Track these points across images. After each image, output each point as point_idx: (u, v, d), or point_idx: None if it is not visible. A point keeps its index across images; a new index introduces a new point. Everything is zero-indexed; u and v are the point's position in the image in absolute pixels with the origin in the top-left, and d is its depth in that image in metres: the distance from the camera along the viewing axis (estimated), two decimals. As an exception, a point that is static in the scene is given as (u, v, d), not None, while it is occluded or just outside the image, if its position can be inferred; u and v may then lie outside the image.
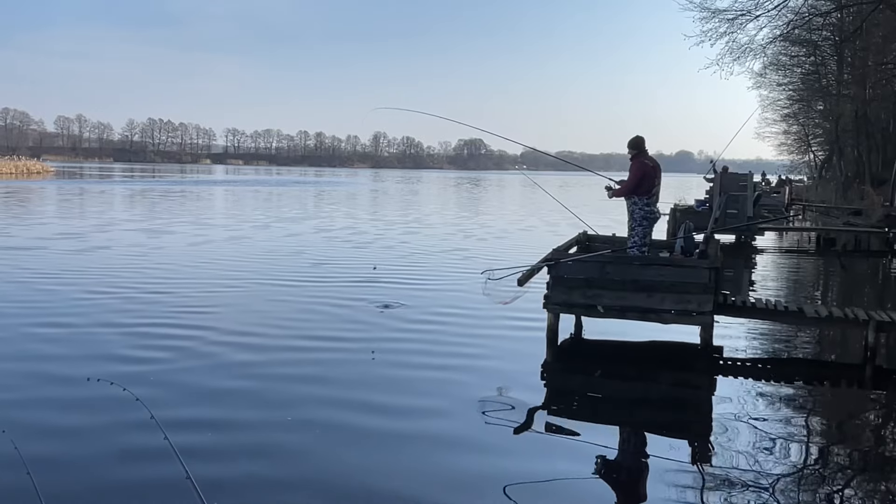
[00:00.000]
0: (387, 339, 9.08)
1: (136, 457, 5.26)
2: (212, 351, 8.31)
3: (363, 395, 6.87)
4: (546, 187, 11.31)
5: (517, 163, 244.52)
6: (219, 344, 8.61)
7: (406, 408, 6.61)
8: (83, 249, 16.86)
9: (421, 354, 8.42)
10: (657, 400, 7.45)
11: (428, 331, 9.56)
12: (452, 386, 7.28)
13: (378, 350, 8.48)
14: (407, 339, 9.12)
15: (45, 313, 9.98)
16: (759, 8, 25.40)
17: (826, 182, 46.90)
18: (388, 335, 9.26)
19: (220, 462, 5.25)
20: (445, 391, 7.12)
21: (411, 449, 5.68)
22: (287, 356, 8.22)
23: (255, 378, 7.32)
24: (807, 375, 8.28)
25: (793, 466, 5.49)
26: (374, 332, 9.43)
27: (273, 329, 9.45)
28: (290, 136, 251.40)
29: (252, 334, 9.16)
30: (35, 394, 6.73)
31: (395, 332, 9.45)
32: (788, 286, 15.43)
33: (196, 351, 8.29)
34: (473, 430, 6.07)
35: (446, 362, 8.12)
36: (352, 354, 8.35)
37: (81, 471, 5.11)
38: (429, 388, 7.22)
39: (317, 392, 6.95)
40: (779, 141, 59.89)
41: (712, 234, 9.98)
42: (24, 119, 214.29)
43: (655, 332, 9.17)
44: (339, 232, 23.19)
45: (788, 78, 47.42)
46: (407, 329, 9.62)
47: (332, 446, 5.63)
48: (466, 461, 5.45)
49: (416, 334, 9.35)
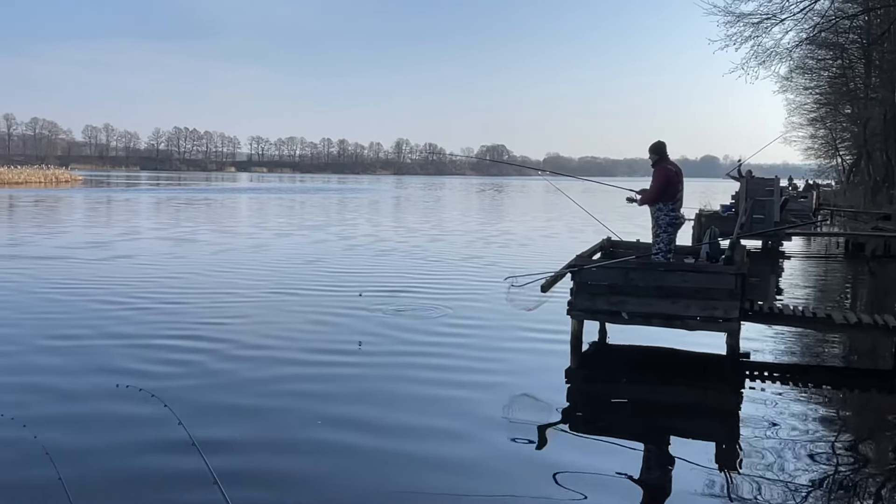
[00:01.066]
0: (405, 351, 9.07)
1: (157, 451, 5.32)
2: (228, 367, 8.35)
3: (379, 411, 6.72)
4: (569, 193, 11.27)
5: (540, 168, 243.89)
6: (236, 359, 8.66)
7: (427, 426, 6.58)
8: (106, 258, 16.98)
9: (446, 358, 8.43)
10: (683, 407, 7.39)
11: (450, 339, 9.56)
12: (477, 392, 7.27)
13: (398, 355, 8.50)
14: (430, 343, 9.14)
15: (57, 325, 10.00)
16: (785, 11, 25.09)
17: (854, 186, 46.28)
18: (406, 346, 9.26)
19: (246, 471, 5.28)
20: (470, 397, 7.11)
21: (430, 458, 5.68)
22: (301, 371, 8.01)
23: (267, 395, 7.20)
24: (835, 382, 8.17)
25: (821, 475, 5.42)
26: (392, 342, 9.44)
27: (288, 341, 9.30)
28: (314, 144, 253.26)
29: (266, 347, 9.01)
30: (60, 400, 6.82)
31: (417, 339, 9.46)
32: (816, 292, 15.24)
33: (210, 365, 8.33)
34: (495, 437, 6.06)
35: (471, 366, 8.12)
36: (371, 370, 8.24)
37: (106, 466, 5.18)
38: (452, 396, 7.21)
39: (330, 410, 6.77)
40: (805, 145, 59.21)
41: (738, 239, 9.90)
42: (52, 128, 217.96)
43: (681, 338, 9.11)
44: (361, 239, 23.31)
45: (815, 82, 46.91)
46: (430, 335, 9.64)
47: (346, 471, 5.40)
48: (483, 463, 5.44)
49: (441, 339, 9.37)
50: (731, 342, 8.57)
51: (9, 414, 5.93)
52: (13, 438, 5.66)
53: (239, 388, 7.28)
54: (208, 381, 7.47)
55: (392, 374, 7.90)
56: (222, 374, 7.75)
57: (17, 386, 7.20)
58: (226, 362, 8.20)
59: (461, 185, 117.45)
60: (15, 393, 6.99)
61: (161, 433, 5.69)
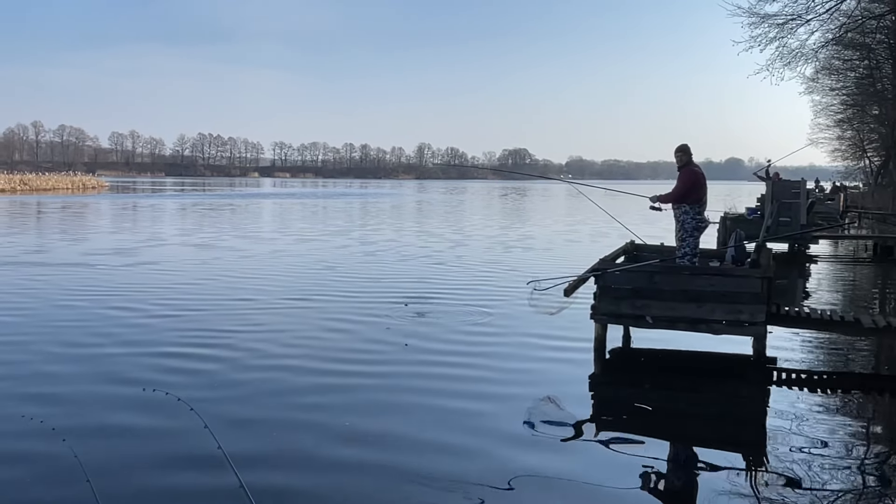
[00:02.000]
0: (427, 361, 9.05)
1: (186, 462, 5.36)
2: (246, 377, 8.39)
3: (403, 422, 6.74)
4: (592, 196, 11.22)
5: (562, 172, 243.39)
6: (254, 368, 8.69)
7: (446, 438, 6.58)
8: (129, 265, 17.00)
9: (468, 369, 8.41)
10: (709, 412, 7.31)
11: (472, 347, 9.54)
12: (499, 395, 7.25)
13: (420, 365, 8.51)
14: (451, 352, 9.12)
15: (77, 332, 10.04)
16: (810, 12, 24.94)
17: (882, 188, 45.52)
18: (428, 356, 9.24)
19: (271, 471, 5.30)
20: (493, 399, 7.09)
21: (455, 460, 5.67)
22: (321, 381, 7.92)
23: (288, 407, 7.19)
24: (864, 387, 8.03)
25: (850, 482, 5.33)
26: (414, 351, 9.44)
27: (308, 349, 9.28)
28: (336, 149, 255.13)
29: (285, 356, 9.00)
30: (86, 407, 6.90)
31: (438, 348, 9.41)
32: (844, 296, 15.02)
33: (229, 375, 8.38)
34: (521, 439, 6.04)
35: (492, 376, 8.10)
36: (395, 380, 8.16)
37: (137, 477, 5.23)
38: (474, 395, 7.20)
39: (348, 420, 6.81)
40: (832, 147, 58.47)
41: (764, 242, 9.80)
42: (79, 135, 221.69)
43: (706, 342, 9.02)
44: (383, 244, 23.38)
45: (842, 83, 46.33)
46: (451, 344, 9.62)
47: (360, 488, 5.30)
48: (512, 469, 5.41)
49: (462, 347, 9.36)
50: (757, 346, 8.48)
51: (36, 418, 6.01)
52: (40, 442, 5.74)
53: (258, 398, 7.28)
54: (229, 392, 7.51)
55: (413, 385, 7.80)
56: (241, 384, 7.78)
57: (42, 393, 7.28)
58: (245, 372, 8.23)
59: (483, 189, 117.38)
60: (39, 399, 7.06)
61: (188, 439, 5.74)
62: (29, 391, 7.24)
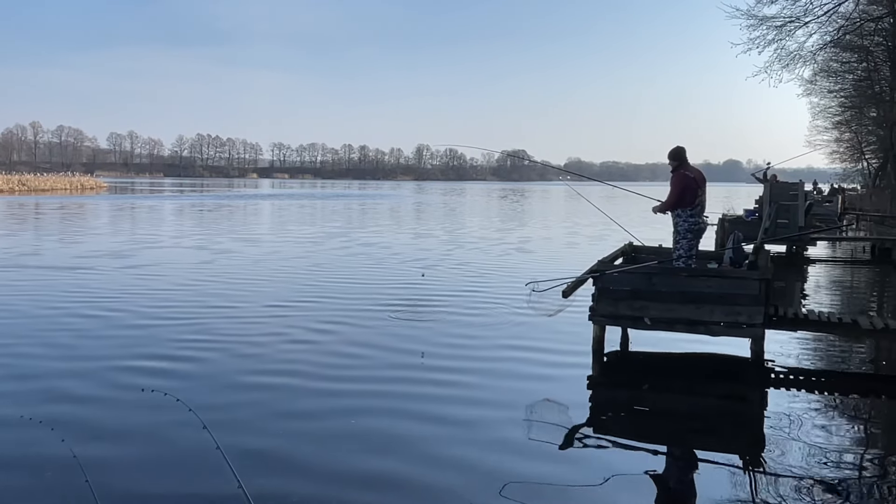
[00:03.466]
0: (425, 365, 9.06)
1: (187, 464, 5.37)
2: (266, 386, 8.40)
3: (402, 427, 6.79)
4: (591, 197, 11.23)
5: (561, 173, 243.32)
6: (268, 384, 8.70)
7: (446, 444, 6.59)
8: (123, 268, 16.66)
9: (463, 374, 8.43)
10: (707, 414, 7.31)
11: (472, 345, 9.56)
12: (497, 397, 7.26)
13: (417, 369, 8.52)
14: (447, 355, 9.13)
15: (68, 334, 10.11)
16: (809, 14, 24.91)
17: (881, 190, 45.56)
18: (425, 360, 9.27)
19: (269, 472, 5.31)
20: (490, 402, 7.10)
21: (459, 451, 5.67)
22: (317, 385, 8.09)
23: (285, 412, 7.31)
24: (862, 389, 8.04)
25: (848, 484, 5.34)
26: (411, 355, 9.46)
27: (301, 354, 9.39)
28: (335, 150, 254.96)
29: (282, 360, 9.12)
30: (85, 410, 6.90)
31: (436, 351, 9.43)
32: (842, 298, 15.04)
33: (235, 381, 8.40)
34: (518, 442, 6.05)
35: (491, 368, 8.11)
36: (391, 385, 8.25)
37: (136, 476, 5.23)
38: (472, 399, 7.21)
39: (352, 423, 6.89)
40: (830, 149, 58.47)
41: (762, 244, 9.81)
42: (78, 136, 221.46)
43: (704, 344, 9.03)
44: (378, 246, 23.37)
45: (840, 85, 46.34)
46: (448, 348, 9.63)
47: None
48: (509, 472, 5.42)
49: (458, 349, 9.36)
50: (755, 348, 8.49)
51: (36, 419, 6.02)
52: (43, 443, 5.75)
53: (256, 403, 7.31)
54: (227, 396, 7.52)
55: (408, 389, 7.85)
56: (239, 388, 7.80)
57: (40, 394, 7.29)
58: (240, 375, 8.24)
59: (482, 190, 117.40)
60: (38, 401, 7.08)
61: (188, 439, 5.75)
62: (28, 394, 7.24)
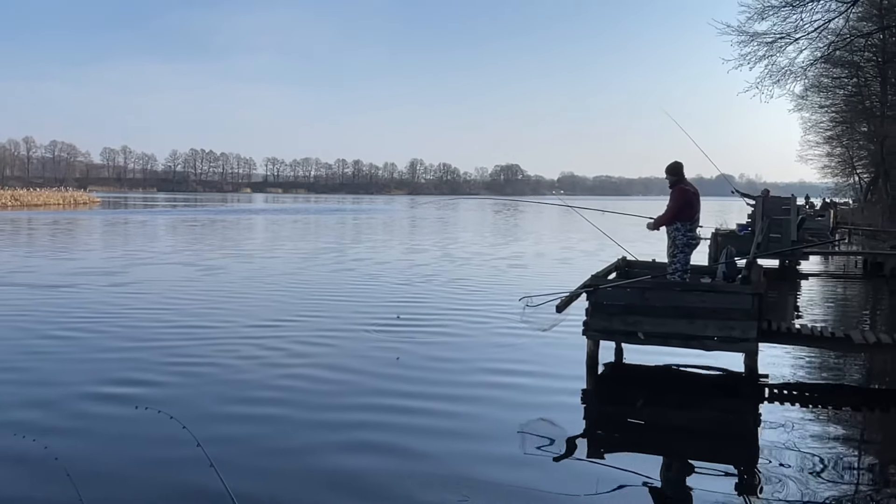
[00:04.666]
0: (421, 378, 9.07)
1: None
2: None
3: (395, 439, 6.84)
4: (584, 212, 11.28)
5: (554, 188, 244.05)
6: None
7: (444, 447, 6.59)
8: (110, 285, 16.26)
9: (458, 383, 8.42)
10: (701, 428, 7.32)
11: (465, 358, 9.55)
12: (490, 412, 7.25)
13: (411, 382, 8.51)
14: (440, 368, 9.13)
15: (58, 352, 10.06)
16: (799, 31, 25.07)
17: (872, 205, 45.83)
18: (418, 372, 9.25)
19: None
20: (482, 416, 7.09)
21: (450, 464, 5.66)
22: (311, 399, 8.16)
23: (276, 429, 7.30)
24: (855, 403, 8.06)
25: (843, 497, 5.34)
26: (405, 368, 9.44)
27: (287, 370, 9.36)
28: (329, 165, 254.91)
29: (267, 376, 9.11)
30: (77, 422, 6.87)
31: (430, 365, 9.43)
32: (835, 312, 15.09)
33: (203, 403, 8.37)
34: (512, 458, 6.03)
35: (485, 381, 8.10)
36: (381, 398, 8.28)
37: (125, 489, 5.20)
38: (465, 412, 7.19)
39: (336, 438, 6.92)
40: (822, 164, 58.81)
41: (755, 258, 9.85)
42: (71, 151, 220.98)
43: (698, 359, 9.05)
44: (370, 262, 23.36)
45: (831, 100, 46.73)
46: (440, 358, 9.63)
47: None
48: (504, 490, 5.40)
49: (451, 363, 9.36)
50: (749, 363, 8.51)
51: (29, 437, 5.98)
52: (36, 463, 5.71)
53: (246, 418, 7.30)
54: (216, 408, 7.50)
55: (401, 403, 7.86)
56: (229, 401, 7.78)
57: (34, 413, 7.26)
58: (230, 390, 8.23)
59: (476, 205, 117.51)
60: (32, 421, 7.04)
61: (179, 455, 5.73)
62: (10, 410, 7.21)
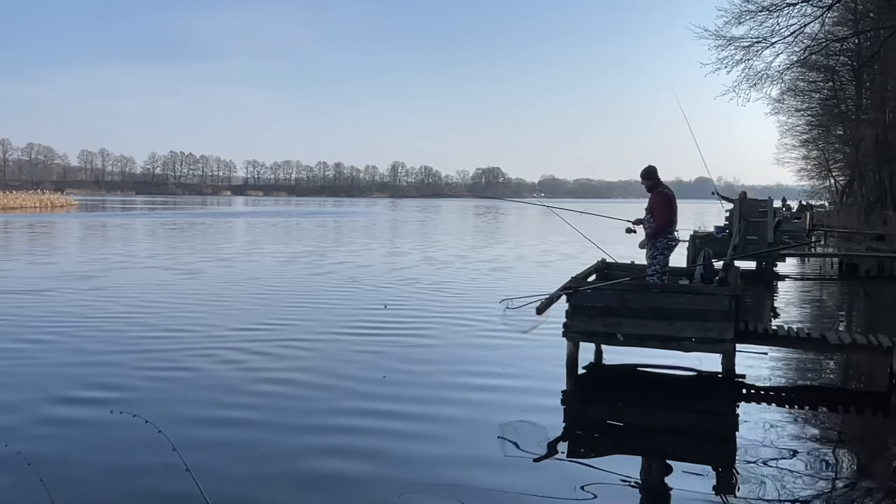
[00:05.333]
0: (402, 381, 9.06)
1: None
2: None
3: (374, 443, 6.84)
4: (564, 216, 11.33)
5: (535, 190, 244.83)
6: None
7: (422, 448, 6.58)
8: (86, 289, 15.90)
9: (439, 385, 8.42)
10: (680, 429, 7.37)
11: (445, 360, 9.56)
12: (470, 414, 7.25)
13: (396, 385, 8.50)
14: (418, 371, 9.12)
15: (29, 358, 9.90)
16: (775, 35, 25.36)
17: (848, 207, 46.50)
18: (399, 375, 9.25)
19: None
20: (462, 419, 7.10)
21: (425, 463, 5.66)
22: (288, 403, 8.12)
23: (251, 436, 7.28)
24: (831, 403, 8.16)
25: (819, 497, 5.40)
26: (389, 372, 9.43)
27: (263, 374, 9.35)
28: (310, 167, 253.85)
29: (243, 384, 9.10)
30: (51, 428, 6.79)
31: (408, 368, 9.42)
32: (811, 313, 15.26)
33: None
34: (493, 461, 6.04)
35: (466, 383, 8.11)
36: (362, 402, 8.28)
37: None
38: (446, 415, 7.20)
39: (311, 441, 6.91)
40: (798, 166, 59.71)
41: (732, 260, 9.94)
42: (48, 154, 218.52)
43: (677, 360, 9.11)
44: (352, 266, 23.30)
45: (807, 104, 47.37)
46: (420, 364, 9.62)
47: None
48: (481, 486, 5.41)
49: (430, 365, 9.35)
50: (726, 364, 8.58)
51: (1, 442, 5.92)
52: (8, 468, 5.64)
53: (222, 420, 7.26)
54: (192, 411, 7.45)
55: (381, 406, 7.86)
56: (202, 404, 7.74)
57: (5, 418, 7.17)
58: (204, 393, 8.17)
59: (457, 207, 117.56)
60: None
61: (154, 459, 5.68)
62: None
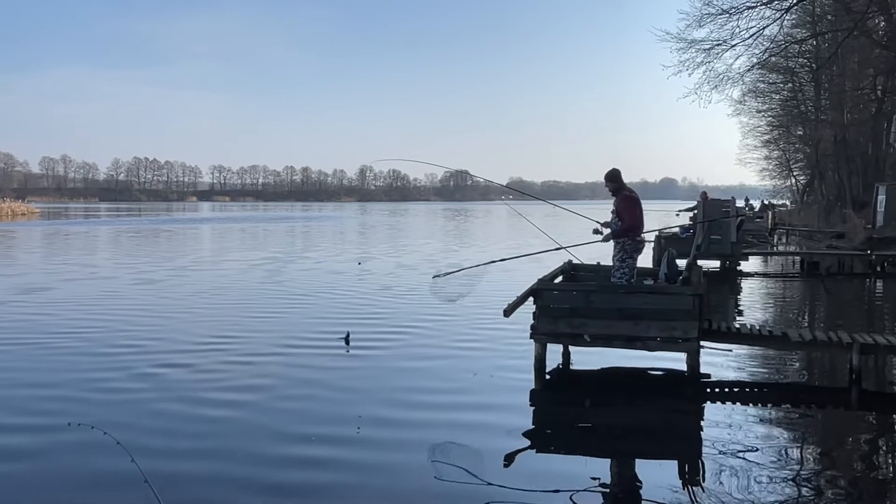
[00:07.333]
0: (365, 388, 9.03)
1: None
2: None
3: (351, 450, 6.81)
4: (532, 217, 11.38)
5: (503, 193, 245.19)
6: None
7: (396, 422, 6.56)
8: (42, 302, 15.24)
9: (409, 384, 8.40)
10: (646, 428, 7.43)
11: (414, 364, 9.54)
12: (439, 417, 7.25)
13: (361, 392, 8.47)
14: (388, 375, 9.10)
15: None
16: (736, 37, 25.78)
17: (808, 206, 47.44)
18: (366, 382, 9.22)
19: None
20: (432, 423, 7.08)
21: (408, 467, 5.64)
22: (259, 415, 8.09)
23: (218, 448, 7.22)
24: (794, 400, 8.29)
25: (783, 491, 5.48)
26: (352, 377, 9.40)
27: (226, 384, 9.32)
28: (277, 172, 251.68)
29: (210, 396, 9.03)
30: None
31: (379, 373, 9.41)
32: (774, 311, 15.50)
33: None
34: (460, 461, 6.03)
35: (433, 386, 8.10)
36: (331, 406, 8.26)
37: None
38: (416, 418, 7.18)
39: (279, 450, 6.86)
40: (760, 166, 60.73)
41: (695, 260, 10.05)
42: (8, 161, 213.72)
43: (643, 359, 9.19)
44: (320, 272, 23.18)
45: (767, 105, 48.28)
46: (391, 362, 9.60)
47: None
48: (453, 488, 5.40)
49: (395, 367, 9.33)
50: (691, 362, 8.68)
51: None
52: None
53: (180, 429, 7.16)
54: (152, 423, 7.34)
55: (346, 411, 7.83)
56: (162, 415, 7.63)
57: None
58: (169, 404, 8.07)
59: (426, 210, 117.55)
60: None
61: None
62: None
